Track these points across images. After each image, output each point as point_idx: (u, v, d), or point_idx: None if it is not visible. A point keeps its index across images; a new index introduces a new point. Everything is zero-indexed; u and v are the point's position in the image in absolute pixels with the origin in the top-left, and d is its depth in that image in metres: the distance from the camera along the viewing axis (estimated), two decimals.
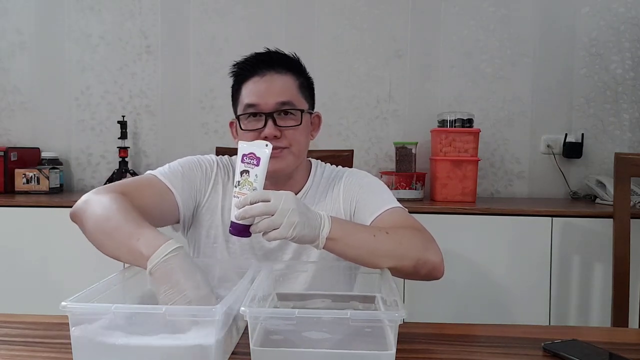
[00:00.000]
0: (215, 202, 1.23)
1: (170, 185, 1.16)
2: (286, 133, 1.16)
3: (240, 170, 0.96)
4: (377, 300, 0.96)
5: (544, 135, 2.49)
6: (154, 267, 0.86)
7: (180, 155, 1.30)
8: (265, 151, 0.97)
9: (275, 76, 1.17)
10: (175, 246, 0.88)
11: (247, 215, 0.92)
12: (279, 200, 0.91)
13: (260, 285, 0.87)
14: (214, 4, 2.56)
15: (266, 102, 1.15)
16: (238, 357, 0.82)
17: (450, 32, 2.50)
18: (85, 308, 0.74)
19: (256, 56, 1.20)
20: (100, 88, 2.61)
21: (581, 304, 2.00)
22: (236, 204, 0.94)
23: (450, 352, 0.88)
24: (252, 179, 0.95)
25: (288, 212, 0.90)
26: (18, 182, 2.38)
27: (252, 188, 0.94)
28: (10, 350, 0.86)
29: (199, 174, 1.23)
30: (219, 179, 1.25)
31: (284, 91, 1.17)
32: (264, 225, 0.91)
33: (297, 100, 1.19)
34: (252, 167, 0.96)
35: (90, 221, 1.00)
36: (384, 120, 2.54)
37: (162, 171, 1.19)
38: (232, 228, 0.96)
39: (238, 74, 1.21)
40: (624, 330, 1.25)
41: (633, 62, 2.45)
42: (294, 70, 1.21)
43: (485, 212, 2.02)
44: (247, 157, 0.96)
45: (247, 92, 1.18)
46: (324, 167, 1.32)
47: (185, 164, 1.23)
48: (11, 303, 2.08)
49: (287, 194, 0.93)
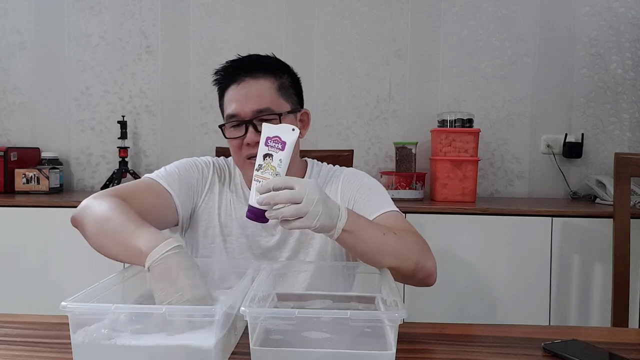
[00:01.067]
0: (212, 202, 1.25)
1: (169, 187, 1.17)
2: None
3: (263, 153, 0.92)
4: (377, 300, 0.96)
5: (544, 135, 2.49)
6: (153, 264, 0.86)
7: (180, 155, 1.31)
8: (291, 136, 0.92)
9: (250, 82, 1.17)
10: (175, 244, 0.88)
11: (272, 202, 0.88)
12: (304, 188, 0.88)
13: (260, 285, 0.87)
14: (214, 4, 2.56)
15: (244, 110, 1.16)
16: (238, 357, 0.82)
17: (450, 32, 2.50)
18: (85, 308, 0.74)
19: (231, 64, 1.20)
20: (100, 88, 2.61)
21: (581, 304, 2.00)
22: (257, 189, 0.90)
23: (450, 352, 0.88)
24: (276, 164, 0.91)
25: (314, 201, 0.88)
26: (18, 182, 2.38)
27: (275, 173, 0.90)
28: (10, 350, 0.86)
29: (196, 174, 1.24)
30: (215, 179, 1.26)
31: (260, 98, 1.16)
32: (289, 212, 0.88)
33: (275, 104, 1.17)
34: (277, 151, 0.91)
35: (91, 225, 1.01)
36: (384, 120, 2.54)
37: (160, 174, 1.20)
38: (250, 212, 0.92)
39: (219, 82, 1.22)
40: (624, 330, 1.25)
41: (633, 62, 2.45)
42: (271, 71, 1.19)
43: (485, 212, 2.02)
44: (272, 140, 0.92)
45: (227, 101, 1.20)
46: (320, 166, 1.32)
47: (182, 165, 1.24)
48: (11, 303, 2.08)
49: (311, 182, 0.90)
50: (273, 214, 0.89)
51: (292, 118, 1.20)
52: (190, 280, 0.85)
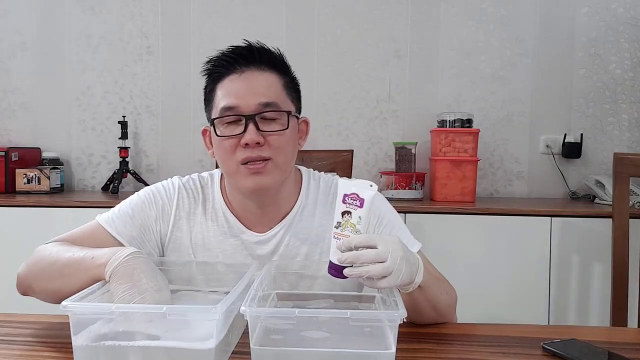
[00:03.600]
0: (181, 240, 1.08)
1: (117, 234, 1.04)
2: (270, 140, 0.99)
3: (342, 211, 0.89)
4: (376, 300, 0.96)
5: (543, 135, 2.49)
6: (115, 269, 0.84)
7: (180, 155, 1.29)
8: (369, 192, 0.89)
9: (256, 73, 1.02)
10: (134, 249, 0.87)
11: (356, 262, 0.84)
12: (388, 246, 0.84)
13: (260, 285, 0.87)
14: (214, 4, 2.56)
15: (247, 103, 0.99)
16: (238, 357, 0.82)
17: (450, 32, 2.51)
18: (85, 308, 0.75)
19: (234, 50, 1.04)
20: (100, 88, 2.61)
21: (580, 304, 2.00)
22: (338, 247, 0.88)
23: (450, 352, 0.89)
24: (355, 221, 0.88)
25: (398, 259, 0.84)
26: (19, 182, 2.38)
27: (355, 230, 0.88)
28: (11, 349, 0.86)
29: (153, 213, 1.08)
30: (180, 214, 1.09)
31: (267, 91, 1.01)
32: (376, 271, 0.83)
33: (282, 101, 1.02)
34: (355, 208, 0.89)
35: (37, 280, 0.96)
36: (384, 120, 2.54)
37: (109, 217, 1.06)
38: (331, 269, 0.90)
39: (212, 72, 1.05)
40: (623, 329, 1.25)
41: (632, 63, 2.45)
42: (278, 67, 1.05)
43: (485, 212, 2.03)
44: (349, 197, 0.89)
45: (223, 93, 1.01)
46: (318, 177, 1.15)
47: (137, 204, 1.08)
48: (12, 303, 2.08)
49: (393, 239, 0.87)
50: (356, 272, 0.84)
51: (296, 122, 1.06)
52: (153, 282, 0.83)
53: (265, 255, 1.08)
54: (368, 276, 0.83)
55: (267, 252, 1.08)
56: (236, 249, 1.08)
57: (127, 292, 0.81)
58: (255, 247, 1.08)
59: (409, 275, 0.87)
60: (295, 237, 1.09)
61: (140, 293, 0.81)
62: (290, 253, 1.09)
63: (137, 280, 0.82)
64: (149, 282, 0.83)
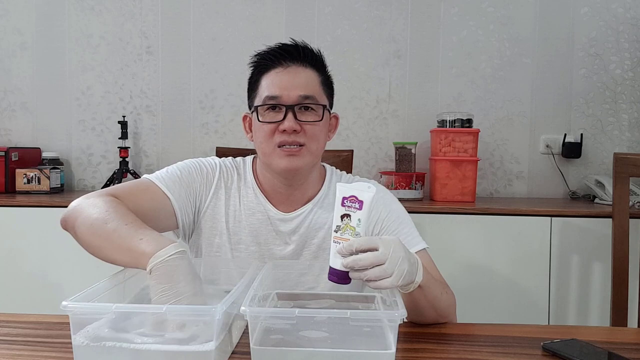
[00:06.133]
0: (218, 208, 1.18)
1: (167, 190, 1.12)
2: (306, 128, 1.12)
3: (341, 214, 0.90)
4: (377, 300, 0.97)
5: (543, 135, 2.49)
6: (156, 265, 0.84)
7: (180, 155, 1.30)
8: (368, 194, 0.90)
9: (299, 69, 1.14)
10: (180, 249, 0.87)
11: (356, 267, 0.86)
12: (389, 248, 0.86)
13: (260, 285, 0.87)
14: (214, 4, 2.56)
15: (288, 94, 1.11)
16: (238, 357, 0.82)
17: (450, 32, 2.51)
18: (85, 308, 0.75)
19: (282, 47, 1.15)
20: (100, 88, 2.61)
21: (580, 304, 2.00)
22: (338, 251, 0.88)
23: (450, 352, 0.89)
24: (355, 224, 0.89)
25: (398, 260, 0.86)
26: (19, 182, 2.39)
27: (355, 233, 0.88)
28: (11, 350, 0.86)
29: (199, 178, 1.18)
30: (221, 184, 1.19)
31: (307, 85, 1.13)
32: (374, 274, 0.85)
33: (319, 95, 1.15)
34: (354, 210, 0.89)
35: (85, 227, 0.97)
36: (384, 120, 2.54)
37: (159, 175, 1.14)
38: (332, 275, 0.90)
39: (259, 64, 1.16)
40: (623, 329, 1.25)
41: (632, 63, 2.45)
42: (317, 65, 1.17)
43: (485, 212, 2.03)
44: (348, 200, 0.90)
45: (267, 83, 1.13)
46: (339, 174, 1.27)
47: (185, 168, 1.18)
48: (12, 303, 2.09)
49: (394, 241, 0.88)
50: (356, 275, 0.86)
51: (328, 115, 1.18)
52: (191, 287, 0.83)
53: (286, 232, 1.18)
54: (367, 278, 0.85)
55: (289, 229, 1.19)
56: (262, 223, 1.18)
57: (164, 293, 0.81)
58: (279, 223, 1.19)
59: (410, 275, 0.89)
60: (315, 221, 1.19)
61: (176, 296, 0.81)
62: (310, 234, 1.19)
63: (176, 282, 0.82)
64: (187, 286, 0.82)
